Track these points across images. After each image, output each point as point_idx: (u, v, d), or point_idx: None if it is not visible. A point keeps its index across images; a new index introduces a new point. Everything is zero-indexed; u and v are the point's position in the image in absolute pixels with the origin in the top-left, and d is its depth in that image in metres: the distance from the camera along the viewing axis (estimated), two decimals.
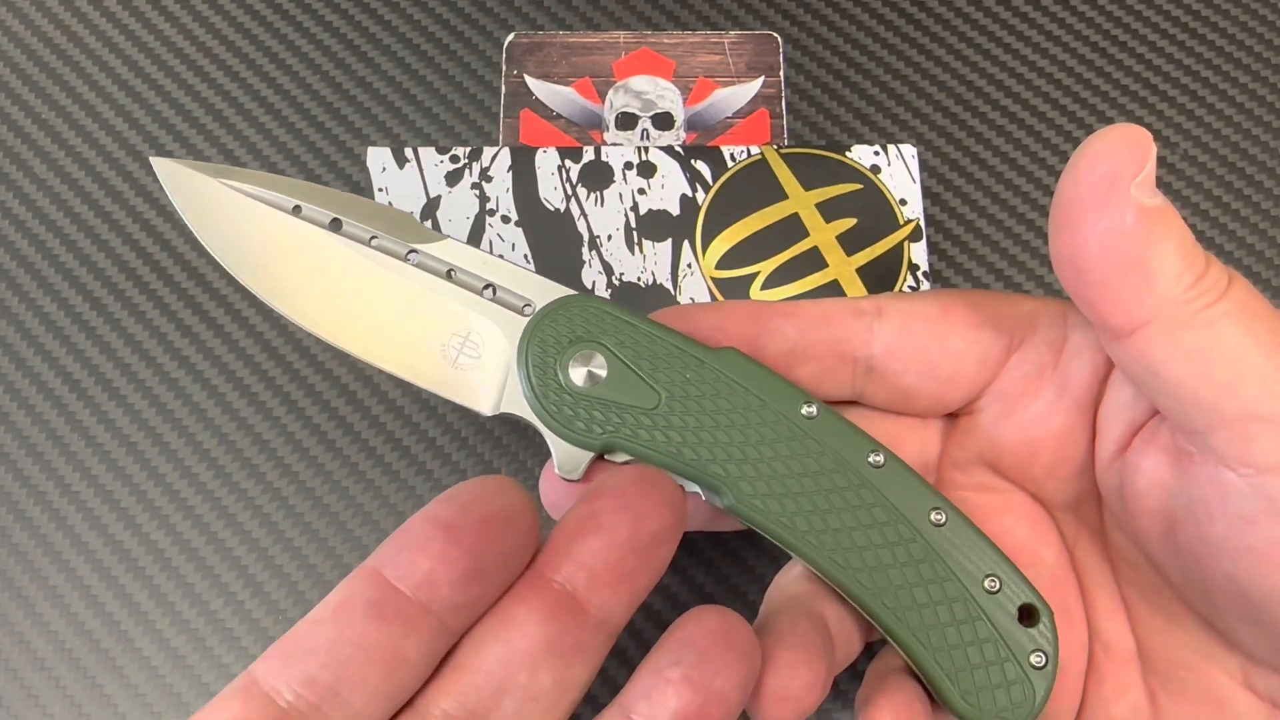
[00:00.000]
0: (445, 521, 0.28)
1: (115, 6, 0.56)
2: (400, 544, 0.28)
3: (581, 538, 0.29)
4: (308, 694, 0.27)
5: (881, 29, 0.56)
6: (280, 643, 0.28)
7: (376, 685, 0.28)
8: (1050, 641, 0.35)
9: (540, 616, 0.29)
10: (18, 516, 0.48)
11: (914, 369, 0.38)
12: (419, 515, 0.29)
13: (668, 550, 0.30)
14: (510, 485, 0.29)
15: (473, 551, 0.28)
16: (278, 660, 0.28)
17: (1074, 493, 0.38)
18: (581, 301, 0.36)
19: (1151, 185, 0.31)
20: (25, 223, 0.52)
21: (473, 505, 0.29)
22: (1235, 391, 0.31)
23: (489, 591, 0.29)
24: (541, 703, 0.29)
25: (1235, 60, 0.55)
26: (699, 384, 0.36)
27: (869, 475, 0.35)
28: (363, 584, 0.28)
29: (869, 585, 0.35)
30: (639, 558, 0.29)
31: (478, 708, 0.28)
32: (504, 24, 0.56)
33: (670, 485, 0.31)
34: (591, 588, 0.29)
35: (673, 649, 0.29)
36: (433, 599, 0.28)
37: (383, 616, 0.28)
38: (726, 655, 0.29)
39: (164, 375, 0.50)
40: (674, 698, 0.28)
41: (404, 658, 0.28)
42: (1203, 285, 0.31)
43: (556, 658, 0.29)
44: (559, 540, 0.30)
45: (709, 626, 0.29)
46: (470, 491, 0.29)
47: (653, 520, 0.30)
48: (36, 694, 0.46)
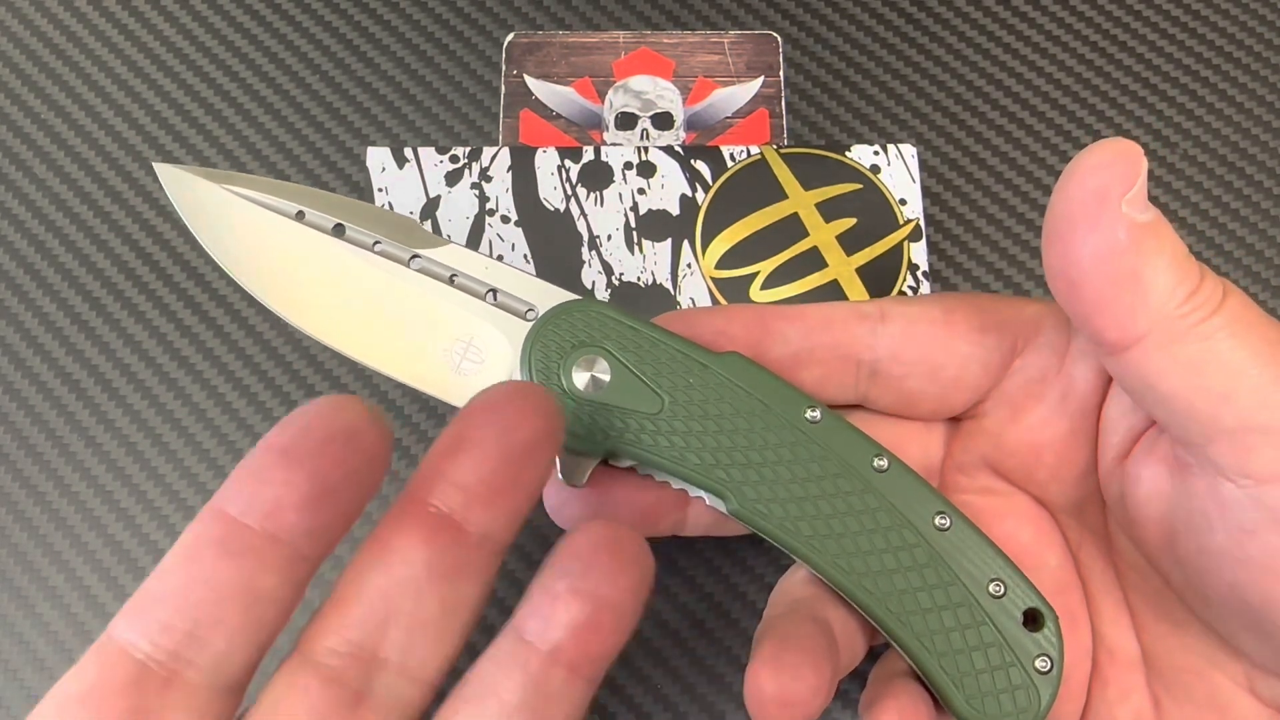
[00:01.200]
0: (283, 447, 0.27)
1: (115, 7, 0.56)
2: (240, 477, 0.27)
3: (452, 456, 0.29)
4: (165, 642, 0.26)
5: (881, 29, 0.56)
6: (132, 598, 0.27)
7: (236, 623, 0.27)
8: (1055, 646, 0.35)
9: (417, 540, 0.28)
10: (18, 516, 0.48)
11: (918, 372, 0.38)
12: (256, 447, 0.28)
13: (543, 460, 0.29)
14: (350, 402, 0.28)
15: (316, 474, 0.27)
16: (131, 615, 0.27)
17: (1078, 497, 0.38)
18: (584, 306, 0.36)
19: (1143, 200, 0.31)
20: (25, 223, 0.52)
21: (311, 427, 0.27)
22: (1232, 404, 0.31)
23: (340, 513, 0.28)
24: (430, 629, 0.28)
25: (1235, 60, 0.55)
26: (702, 389, 0.35)
27: (873, 480, 0.35)
28: (207, 524, 0.27)
29: (873, 590, 0.35)
30: (513, 470, 0.29)
31: (365, 640, 0.28)
32: (504, 24, 0.56)
33: (540, 393, 0.30)
34: (468, 506, 0.28)
35: (558, 563, 0.29)
36: (281, 528, 0.27)
37: (231, 553, 0.27)
38: (613, 563, 0.28)
39: (164, 375, 0.50)
40: (563, 610, 0.28)
41: (260, 591, 0.27)
42: (1197, 299, 0.31)
43: (439, 580, 0.28)
44: (430, 462, 0.29)
45: (593, 537, 0.29)
46: (307, 414, 0.28)
47: (523, 430, 0.29)
48: (37, 694, 0.46)
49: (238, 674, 0.28)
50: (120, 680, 0.26)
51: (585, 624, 0.28)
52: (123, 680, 0.26)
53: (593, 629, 0.28)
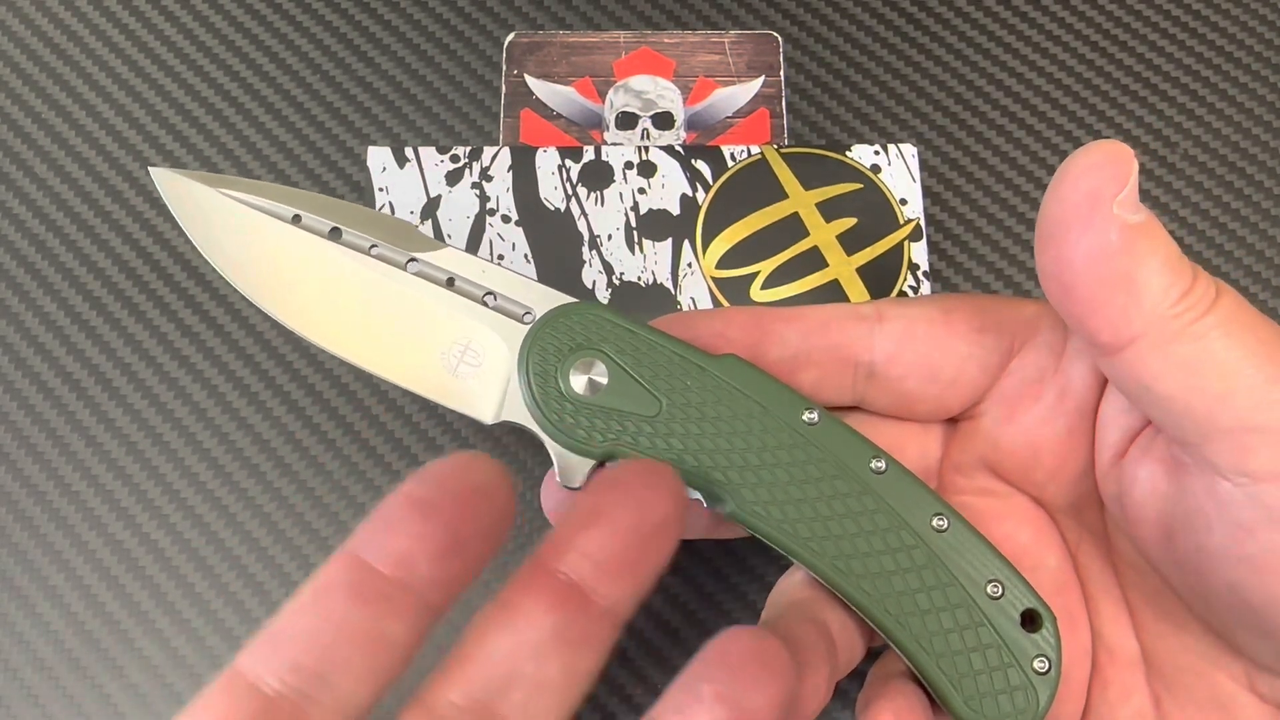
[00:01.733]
0: (420, 500, 0.28)
1: (115, 6, 0.56)
2: (376, 525, 0.28)
3: (586, 528, 0.29)
4: (293, 680, 0.27)
5: (882, 29, 0.56)
6: (263, 633, 0.28)
7: (362, 667, 0.27)
8: (1053, 647, 0.35)
9: (546, 606, 0.28)
10: (18, 516, 0.48)
11: (915, 374, 0.38)
12: (393, 496, 0.28)
13: (671, 539, 0.30)
14: (483, 460, 0.29)
15: (449, 527, 0.28)
16: (261, 650, 0.27)
17: (1076, 497, 0.38)
18: (582, 309, 0.36)
19: (1135, 201, 0.31)
20: (25, 223, 0.52)
21: (446, 482, 0.28)
22: (1228, 403, 0.31)
23: (468, 566, 0.28)
24: (549, 693, 0.28)
25: (1235, 60, 0.55)
26: (700, 391, 0.35)
27: (871, 481, 0.35)
28: (341, 568, 0.28)
29: (871, 591, 0.35)
30: (643, 547, 0.29)
31: (485, 698, 0.28)
32: (504, 23, 0.56)
33: (671, 475, 0.30)
34: (597, 577, 0.29)
35: (706, 666, 0.29)
36: (412, 577, 0.28)
37: (364, 598, 0.27)
38: (760, 674, 0.28)
39: (164, 375, 0.50)
40: (705, 714, 0.28)
41: (388, 638, 0.28)
42: (1190, 299, 0.31)
43: (564, 647, 0.28)
44: (564, 531, 0.29)
45: (743, 644, 0.29)
46: (443, 468, 0.29)
47: (656, 510, 0.29)
48: (36, 694, 0.46)
49: (359, 715, 0.28)
50: (249, 714, 0.27)
51: None
52: (251, 714, 0.27)
53: None
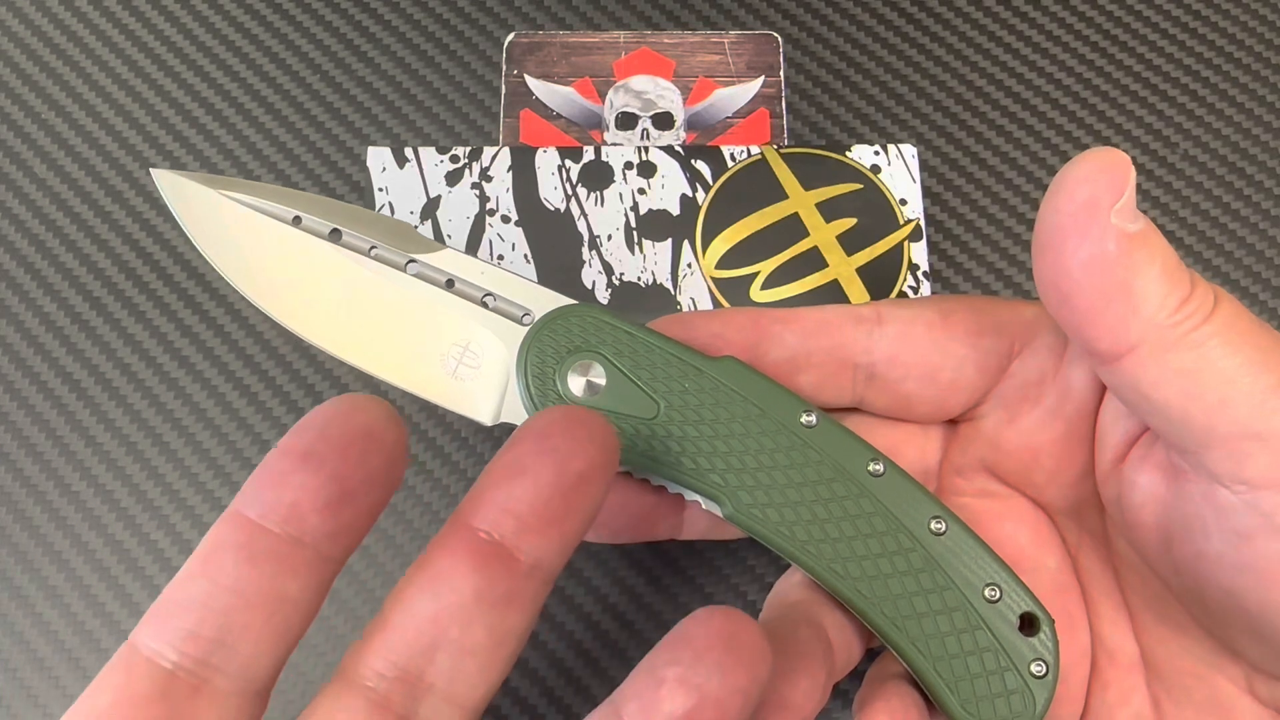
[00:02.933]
0: (302, 450, 0.27)
1: (115, 6, 0.56)
2: (260, 481, 0.27)
3: (506, 483, 0.28)
4: (192, 650, 0.26)
5: (881, 29, 0.56)
6: (154, 606, 0.27)
7: (262, 628, 0.27)
8: (1051, 651, 0.35)
9: (468, 567, 0.28)
10: (18, 516, 0.48)
11: (915, 375, 0.38)
12: (275, 449, 0.27)
13: (598, 490, 0.29)
14: (368, 401, 0.28)
15: (336, 476, 0.27)
16: (154, 623, 0.27)
17: (1076, 499, 0.38)
18: (580, 311, 0.36)
19: (1132, 210, 0.31)
20: (25, 223, 0.52)
21: (329, 429, 0.27)
22: (1226, 411, 0.31)
23: (361, 514, 0.28)
24: (477, 656, 0.28)
25: (1235, 60, 0.55)
26: (698, 393, 0.35)
27: (869, 484, 0.35)
28: (228, 529, 0.27)
29: (868, 594, 0.35)
30: (567, 500, 0.28)
31: (410, 665, 0.27)
32: (504, 24, 0.56)
33: (597, 421, 0.29)
34: (520, 534, 0.28)
35: (671, 648, 0.28)
36: (303, 531, 0.27)
37: (254, 558, 0.27)
38: (727, 658, 0.27)
39: (164, 375, 0.50)
40: (666, 699, 0.27)
41: (285, 596, 0.27)
42: (1189, 308, 0.31)
43: (488, 609, 0.28)
44: (483, 487, 0.29)
45: (712, 627, 0.28)
46: (324, 415, 0.28)
47: (579, 459, 0.28)
48: (36, 694, 0.46)
49: (265, 679, 0.27)
50: (149, 690, 0.26)
51: (686, 717, 0.27)
52: (151, 690, 0.26)
53: None
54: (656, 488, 0.37)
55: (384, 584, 0.47)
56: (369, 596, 0.47)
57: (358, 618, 0.46)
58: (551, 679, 0.46)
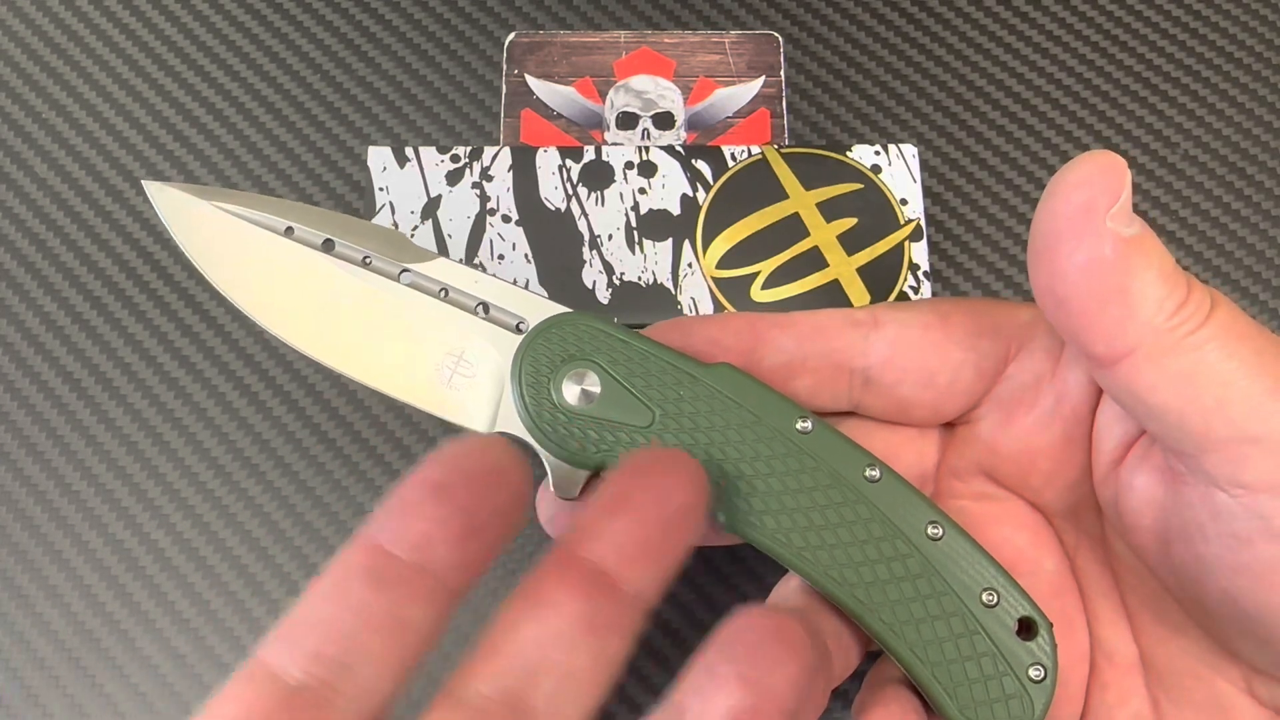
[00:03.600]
0: (435, 483, 0.28)
1: (115, 6, 0.56)
2: (392, 510, 0.28)
3: (612, 515, 0.29)
4: (316, 669, 0.27)
5: (882, 29, 0.56)
6: (283, 623, 0.28)
7: (384, 653, 0.27)
8: (1049, 655, 0.35)
9: (574, 594, 0.28)
10: (18, 516, 0.48)
11: (911, 379, 0.38)
12: (408, 480, 0.28)
13: (694, 524, 0.30)
14: (496, 442, 0.29)
15: (465, 509, 0.28)
16: (282, 640, 0.27)
17: (1073, 501, 0.38)
18: (574, 319, 0.36)
19: (1128, 214, 0.31)
20: (25, 222, 0.52)
21: (460, 464, 0.28)
22: (1224, 415, 0.31)
23: (486, 548, 0.28)
24: (578, 681, 0.28)
25: (1235, 60, 0.55)
26: (693, 401, 0.35)
27: (865, 490, 0.35)
28: (359, 554, 0.28)
29: (866, 600, 0.35)
30: (667, 533, 0.29)
31: (514, 688, 0.28)
32: (505, 23, 0.56)
33: (692, 462, 0.31)
34: (623, 564, 0.29)
35: (724, 646, 0.29)
36: (430, 560, 0.28)
37: (382, 583, 0.27)
38: (780, 652, 0.28)
39: (164, 375, 0.50)
40: (726, 695, 0.28)
41: (408, 623, 0.28)
42: (1185, 311, 0.31)
43: (592, 635, 0.28)
44: (588, 519, 0.30)
45: (761, 623, 0.29)
46: (457, 451, 0.29)
47: (679, 496, 0.30)
48: (36, 694, 0.46)
49: (383, 703, 0.28)
50: (274, 705, 0.27)
51: (747, 711, 0.28)
52: (276, 705, 0.27)
53: (754, 716, 0.28)
54: None
55: None
56: None
57: None
58: None
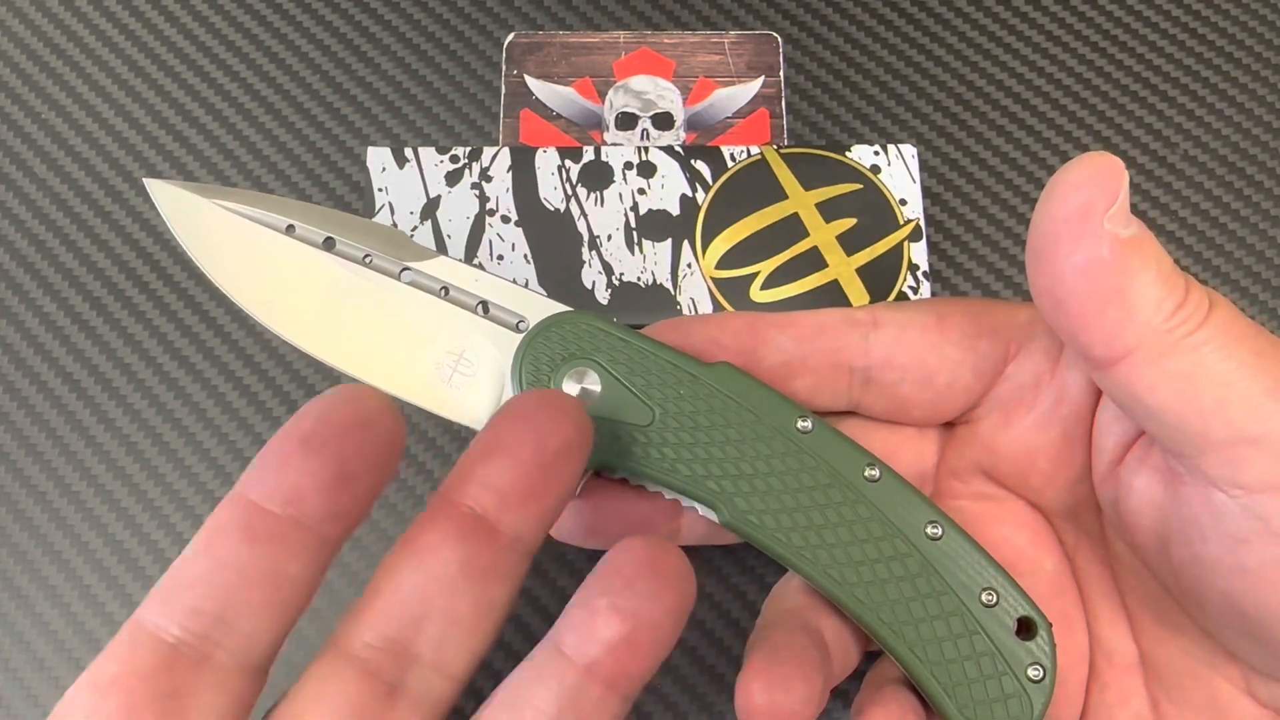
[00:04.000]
0: (303, 435, 0.28)
1: (115, 6, 0.56)
2: (262, 465, 0.28)
3: (486, 459, 0.30)
4: (194, 625, 0.27)
5: (881, 29, 0.56)
6: (159, 584, 0.28)
7: (262, 606, 0.28)
8: (1048, 655, 0.34)
9: (453, 540, 0.29)
10: (17, 516, 0.48)
11: (910, 378, 0.38)
12: (277, 435, 0.29)
13: (574, 466, 0.30)
14: (365, 391, 0.29)
15: (335, 459, 0.28)
16: (158, 600, 0.28)
17: (1073, 501, 0.38)
18: (575, 318, 0.36)
19: (1125, 215, 0.31)
20: (25, 223, 0.52)
21: (328, 415, 0.28)
22: (1222, 416, 0.31)
23: (359, 498, 0.29)
24: (463, 626, 0.29)
25: (1235, 60, 0.55)
26: (693, 400, 0.35)
27: (865, 489, 0.35)
28: (230, 511, 0.28)
29: (865, 600, 0.35)
30: (545, 475, 0.30)
31: (399, 636, 0.29)
32: (504, 24, 0.56)
33: (570, 401, 0.31)
34: (501, 508, 0.29)
35: (600, 579, 0.29)
36: (303, 513, 0.28)
37: (256, 538, 0.28)
38: (654, 583, 0.29)
39: (164, 375, 0.50)
40: (603, 626, 0.28)
41: (285, 575, 0.28)
42: (1183, 312, 0.31)
43: (473, 580, 0.29)
44: (465, 465, 0.30)
45: (637, 555, 0.29)
46: (324, 402, 0.29)
47: (556, 437, 0.30)
48: (36, 694, 0.46)
49: (264, 655, 0.28)
50: (153, 663, 0.27)
51: (623, 641, 0.28)
52: (155, 663, 0.27)
53: (631, 647, 0.28)
54: (652, 494, 0.37)
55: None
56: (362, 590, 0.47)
57: None
58: None
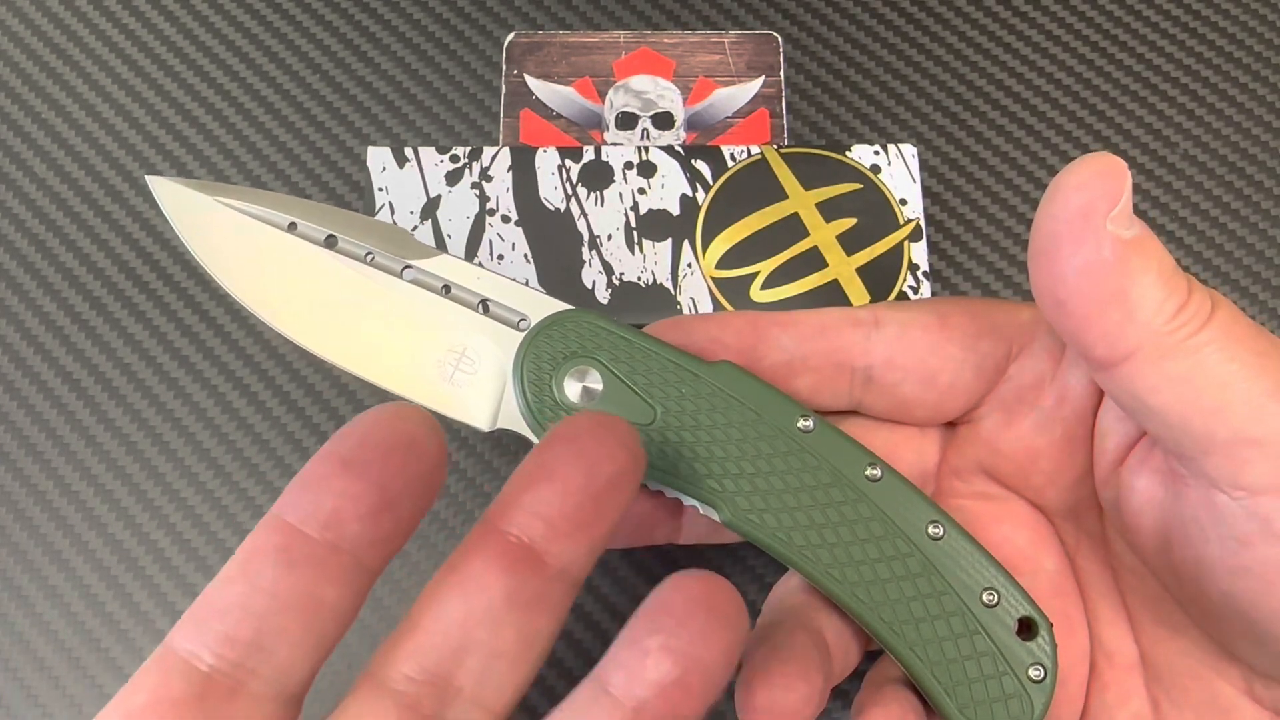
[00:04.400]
0: (344, 457, 0.27)
1: (115, 6, 0.56)
2: (301, 487, 0.27)
3: (535, 487, 0.28)
4: (228, 653, 0.26)
5: (881, 29, 0.56)
6: (192, 608, 0.27)
7: (298, 633, 0.27)
8: (1049, 655, 0.34)
9: (498, 570, 0.28)
10: (18, 516, 0.48)
11: (912, 378, 0.38)
12: (317, 455, 0.28)
13: (626, 495, 0.29)
14: (409, 411, 0.28)
15: (377, 484, 0.27)
16: (192, 625, 0.27)
17: (1074, 501, 0.38)
18: (576, 316, 0.36)
19: (1128, 216, 0.31)
20: (25, 223, 0.52)
21: (371, 437, 0.27)
22: (1224, 417, 0.31)
23: (400, 523, 0.28)
24: (506, 659, 0.28)
25: (1235, 60, 0.55)
26: (694, 399, 0.35)
27: (866, 489, 0.35)
28: (268, 534, 0.27)
29: (866, 599, 0.35)
30: (596, 504, 0.28)
31: (439, 668, 0.28)
32: (504, 23, 0.56)
33: (624, 427, 0.30)
34: (549, 538, 0.28)
35: (651, 617, 0.28)
36: (342, 538, 0.27)
37: (293, 563, 0.27)
38: (708, 622, 0.27)
39: (164, 375, 0.50)
40: (653, 668, 0.27)
41: (322, 601, 0.27)
42: (1185, 314, 0.31)
43: (517, 611, 0.28)
44: (512, 491, 0.29)
45: (690, 592, 0.28)
46: (367, 423, 0.28)
47: (608, 465, 0.29)
48: (36, 694, 0.46)
49: (300, 684, 0.28)
50: (185, 691, 0.26)
51: (675, 684, 0.27)
52: (187, 691, 0.26)
53: (683, 689, 0.27)
54: (654, 493, 0.37)
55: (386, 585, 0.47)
56: None
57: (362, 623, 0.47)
58: (552, 679, 0.46)
